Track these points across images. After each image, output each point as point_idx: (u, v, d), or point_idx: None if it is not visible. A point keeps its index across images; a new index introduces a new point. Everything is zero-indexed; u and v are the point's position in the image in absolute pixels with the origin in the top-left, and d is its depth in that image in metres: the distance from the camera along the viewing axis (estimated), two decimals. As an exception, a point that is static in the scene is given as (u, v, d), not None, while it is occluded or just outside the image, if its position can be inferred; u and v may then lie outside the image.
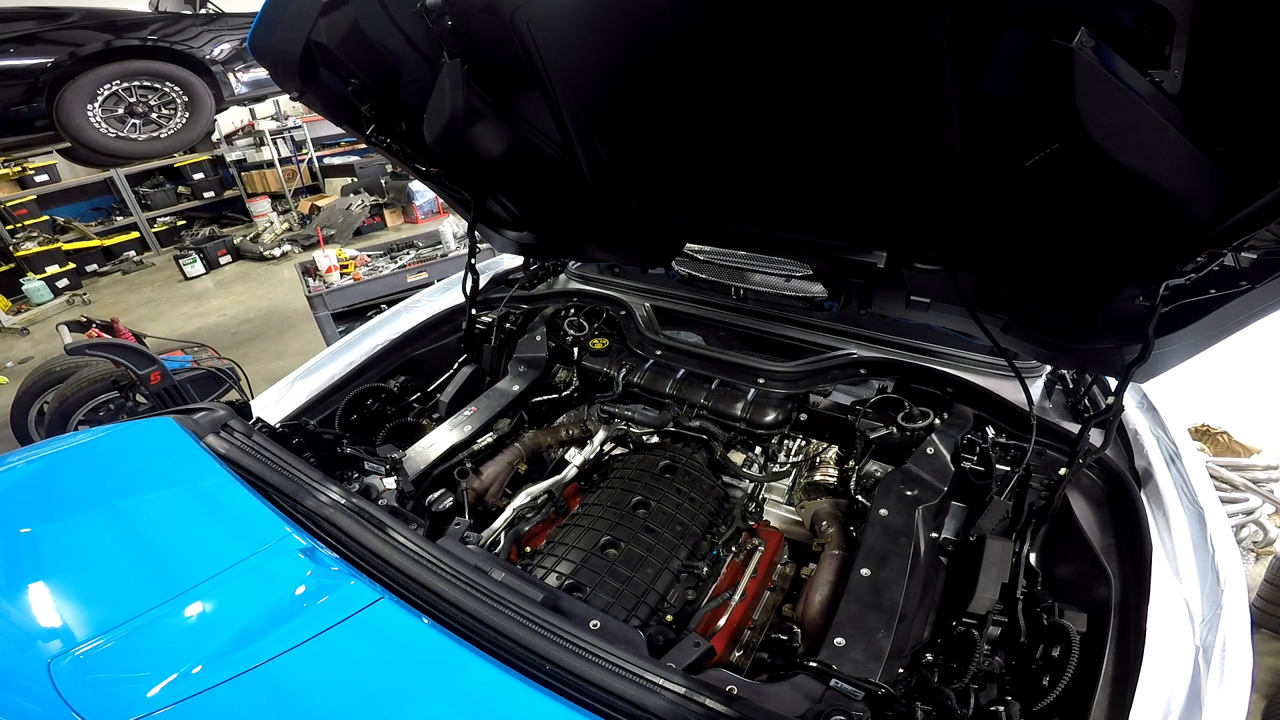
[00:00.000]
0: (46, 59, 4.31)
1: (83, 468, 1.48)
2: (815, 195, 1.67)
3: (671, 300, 2.32)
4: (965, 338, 1.87)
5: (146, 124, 4.78)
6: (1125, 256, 1.28)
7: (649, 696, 0.98)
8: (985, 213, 1.42)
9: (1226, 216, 1.05)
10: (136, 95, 4.67)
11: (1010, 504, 1.44)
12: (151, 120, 4.79)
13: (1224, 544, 1.28)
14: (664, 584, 1.42)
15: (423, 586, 1.15)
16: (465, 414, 1.89)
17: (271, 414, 1.90)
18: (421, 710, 0.97)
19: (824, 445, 1.92)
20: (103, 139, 4.65)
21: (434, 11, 1.49)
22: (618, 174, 1.94)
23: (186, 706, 0.91)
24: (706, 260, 2.19)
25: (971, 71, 1.15)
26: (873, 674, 1.10)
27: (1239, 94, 0.95)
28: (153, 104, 4.75)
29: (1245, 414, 3.71)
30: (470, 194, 2.16)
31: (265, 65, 1.65)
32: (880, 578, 1.28)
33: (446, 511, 1.64)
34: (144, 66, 4.63)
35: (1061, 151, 1.12)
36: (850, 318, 2.01)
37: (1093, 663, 1.09)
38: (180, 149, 5.41)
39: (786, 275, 2.04)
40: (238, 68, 5.07)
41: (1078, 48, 0.89)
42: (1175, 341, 1.25)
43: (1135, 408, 1.69)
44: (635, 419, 1.94)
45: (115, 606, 1.08)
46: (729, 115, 1.56)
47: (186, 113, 4.90)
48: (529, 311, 2.34)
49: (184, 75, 4.79)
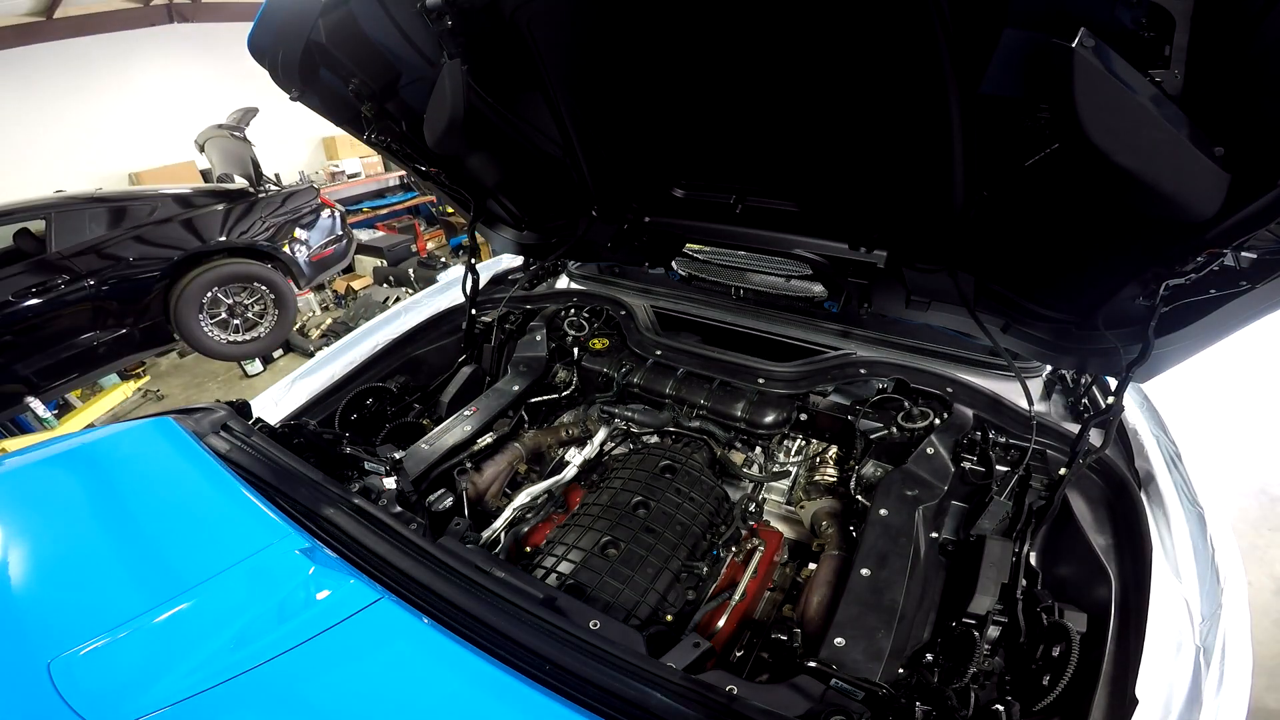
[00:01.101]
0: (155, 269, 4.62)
1: (84, 467, 1.48)
2: (816, 194, 1.67)
3: (671, 300, 2.32)
4: (965, 338, 1.87)
5: (245, 325, 5.14)
6: (1125, 256, 1.28)
7: (649, 696, 0.98)
8: (985, 213, 1.42)
9: (1226, 216, 1.05)
10: (233, 297, 5.00)
11: (1010, 504, 1.44)
12: (249, 319, 5.15)
13: (1224, 544, 1.28)
14: (664, 584, 1.42)
15: (423, 586, 1.15)
16: (465, 414, 1.89)
17: (272, 414, 1.90)
18: (421, 710, 0.97)
19: (824, 445, 1.92)
20: (217, 346, 5.02)
21: (434, 11, 1.49)
22: (618, 174, 1.94)
23: (186, 706, 0.91)
24: (706, 260, 2.19)
25: (971, 71, 1.15)
26: (873, 674, 1.10)
27: (1239, 94, 0.95)
28: (246, 304, 5.09)
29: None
30: (470, 194, 2.16)
31: (265, 66, 1.65)
32: (880, 578, 1.28)
33: (446, 511, 1.64)
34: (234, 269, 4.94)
35: (1061, 151, 1.12)
36: (850, 318, 2.01)
37: (1093, 663, 1.09)
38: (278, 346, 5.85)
39: (786, 275, 2.04)
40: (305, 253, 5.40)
41: (1078, 48, 0.89)
42: (1175, 341, 1.25)
43: (1135, 408, 1.69)
44: (635, 419, 1.94)
45: (116, 606, 1.08)
46: (729, 114, 1.56)
47: (276, 310, 5.27)
48: (529, 311, 2.34)
49: (267, 274, 5.11)
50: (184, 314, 4.78)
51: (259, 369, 7.56)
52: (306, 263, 5.43)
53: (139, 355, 4.98)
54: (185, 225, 4.75)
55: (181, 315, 4.78)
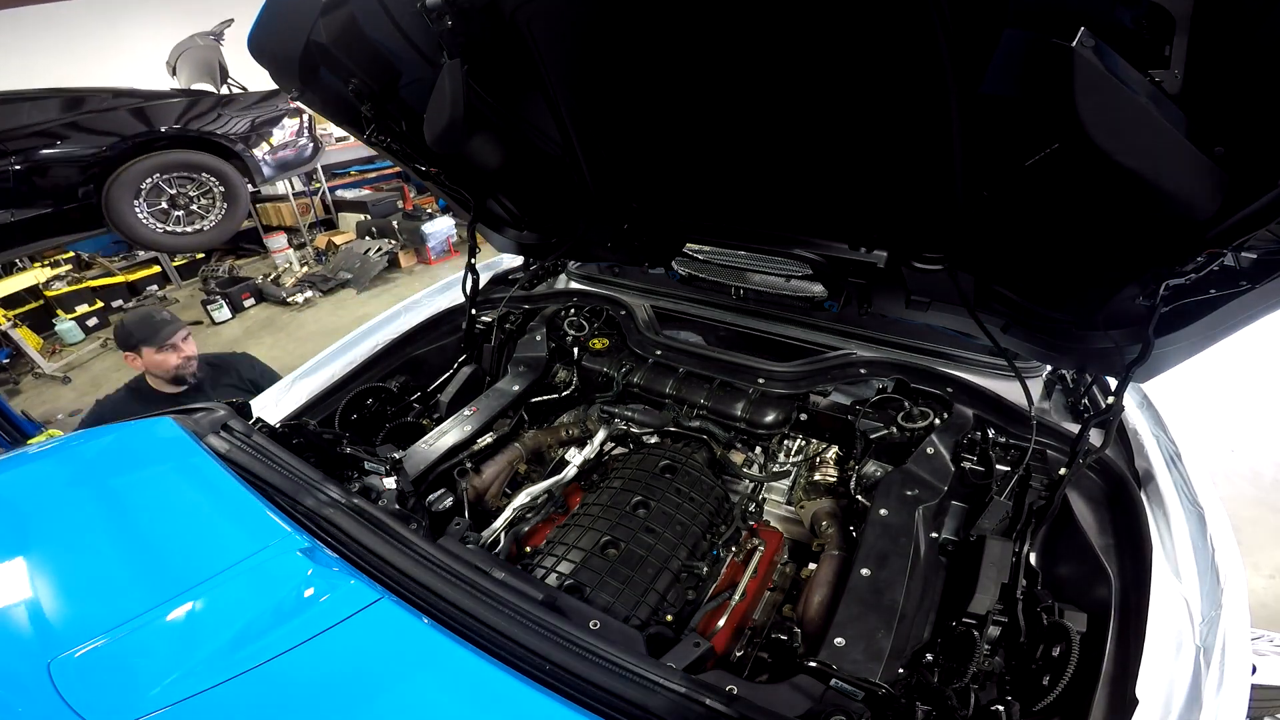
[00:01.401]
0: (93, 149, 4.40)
1: (83, 467, 1.48)
2: (815, 195, 1.67)
3: (671, 300, 2.32)
4: (965, 338, 1.87)
5: (188, 216, 4.93)
6: (1125, 256, 1.28)
7: (649, 696, 0.98)
8: (985, 213, 1.42)
9: (1226, 216, 1.05)
10: (176, 187, 4.78)
11: (1010, 504, 1.44)
12: (193, 212, 4.93)
13: (1224, 544, 1.28)
14: (664, 584, 1.42)
15: (422, 586, 1.15)
16: (465, 414, 1.89)
17: (271, 414, 1.90)
18: (421, 710, 0.97)
19: (824, 445, 1.92)
20: (151, 234, 4.79)
21: (434, 11, 1.49)
22: (618, 174, 1.94)
23: (186, 706, 0.91)
24: (706, 260, 2.19)
25: (971, 71, 1.15)
26: (873, 674, 1.10)
27: (1239, 94, 0.95)
28: (192, 195, 4.87)
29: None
30: (470, 194, 2.16)
31: (265, 65, 1.65)
32: (880, 578, 1.28)
33: (446, 511, 1.64)
34: (179, 158, 4.73)
35: (1061, 151, 1.12)
36: (850, 318, 2.01)
37: (1093, 663, 1.09)
38: (223, 240, 5.57)
39: (786, 275, 2.04)
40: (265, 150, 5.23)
41: (1078, 48, 0.88)
42: (1175, 341, 1.25)
43: (1135, 408, 1.70)
44: (635, 419, 1.94)
45: (115, 606, 1.08)
46: (729, 114, 1.56)
47: (224, 203, 5.05)
48: (529, 311, 2.34)
49: (217, 165, 4.91)
50: (117, 197, 4.50)
51: (227, 316, 7.51)
52: (265, 160, 5.21)
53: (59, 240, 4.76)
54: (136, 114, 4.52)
55: (114, 199, 4.49)
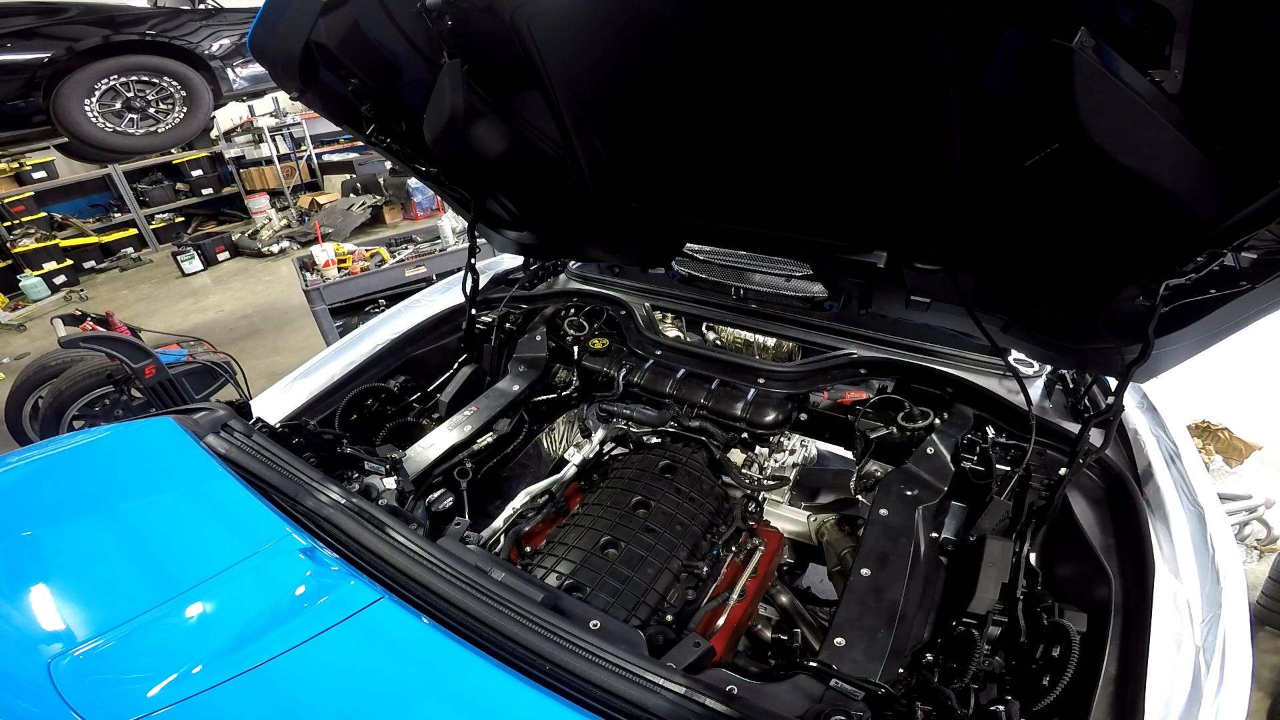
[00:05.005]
0: (43, 54, 4.29)
1: (82, 468, 1.47)
2: (815, 195, 1.67)
3: (671, 300, 2.32)
4: (965, 338, 1.86)
5: (144, 119, 4.76)
6: (1125, 256, 1.27)
7: (649, 696, 0.98)
8: (985, 213, 1.42)
9: (1226, 216, 1.05)
10: (134, 90, 4.64)
11: (1010, 504, 1.44)
12: (149, 115, 4.77)
13: (1224, 544, 1.28)
14: (664, 584, 1.42)
15: (423, 586, 1.15)
16: (465, 414, 1.89)
17: (271, 414, 1.90)
18: (421, 710, 0.97)
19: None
20: (99, 133, 4.62)
21: (434, 11, 1.49)
22: (618, 174, 1.94)
23: (186, 706, 0.91)
24: (706, 260, 2.19)
25: (971, 71, 1.15)
26: (873, 674, 1.10)
27: (1239, 94, 0.95)
28: (150, 99, 4.73)
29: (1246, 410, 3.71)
30: (470, 194, 2.16)
31: (265, 65, 1.65)
32: (880, 578, 1.28)
33: (446, 511, 1.65)
34: (141, 61, 4.60)
35: (1061, 151, 1.12)
36: (850, 318, 2.01)
37: (1093, 663, 1.09)
38: (178, 143, 5.41)
39: (786, 275, 2.04)
40: (236, 63, 5.08)
41: (1078, 48, 0.88)
42: (1175, 341, 1.25)
43: (1135, 408, 1.69)
44: (635, 419, 1.94)
45: (115, 607, 1.08)
46: (729, 114, 1.56)
47: (184, 108, 4.89)
48: (529, 311, 2.34)
49: (182, 70, 4.78)
50: (66, 95, 4.32)
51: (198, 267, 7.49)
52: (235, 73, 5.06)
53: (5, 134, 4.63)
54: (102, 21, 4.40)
55: (63, 96, 4.32)
